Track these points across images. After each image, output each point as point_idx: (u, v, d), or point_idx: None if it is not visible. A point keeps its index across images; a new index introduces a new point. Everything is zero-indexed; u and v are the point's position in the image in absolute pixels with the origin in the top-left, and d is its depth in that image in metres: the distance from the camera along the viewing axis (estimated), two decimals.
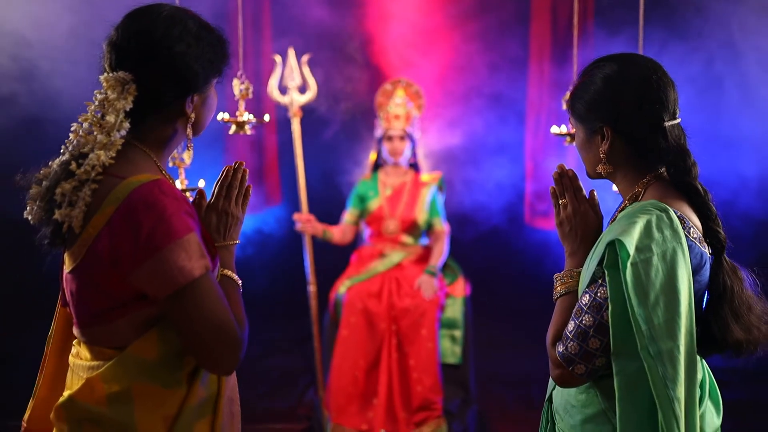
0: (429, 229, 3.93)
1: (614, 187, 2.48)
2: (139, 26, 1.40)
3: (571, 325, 1.49)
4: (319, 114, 4.34)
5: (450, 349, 3.74)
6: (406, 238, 3.89)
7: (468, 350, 3.81)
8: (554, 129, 2.73)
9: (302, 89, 3.65)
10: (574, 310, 1.50)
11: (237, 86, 2.58)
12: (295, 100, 3.61)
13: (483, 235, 5.26)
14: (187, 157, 2.64)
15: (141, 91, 1.38)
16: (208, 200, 1.55)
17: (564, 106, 2.76)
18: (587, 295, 1.48)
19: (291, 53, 3.60)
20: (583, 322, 1.47)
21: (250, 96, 2.57)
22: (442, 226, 3.91)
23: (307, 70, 3.62)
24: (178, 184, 2.52)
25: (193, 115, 1.45)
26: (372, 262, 3.84)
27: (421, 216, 3.86)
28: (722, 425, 1.63)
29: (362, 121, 4.70)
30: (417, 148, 3.99)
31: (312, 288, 3.72)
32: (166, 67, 1.39)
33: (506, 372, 4.36)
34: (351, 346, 3.64)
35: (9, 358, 4.70)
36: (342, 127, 4.65)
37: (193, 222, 1.35)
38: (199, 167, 4.74)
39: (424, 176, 3.96)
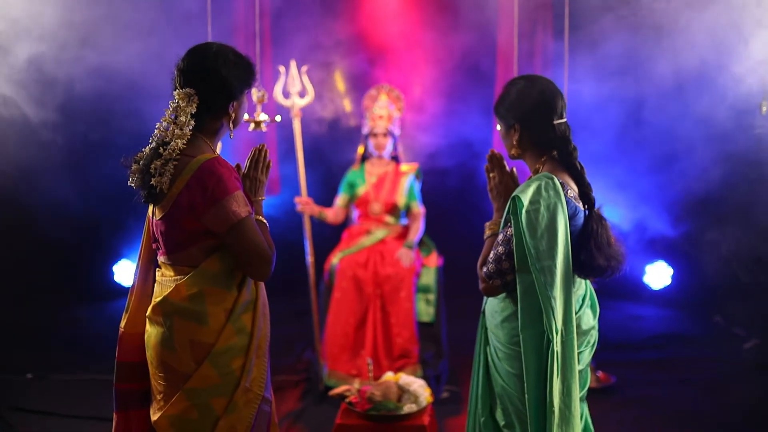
0: (408, 211, 4.69)
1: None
2: (198, 58, 2.15)
3: (491, 254, 2.26)
4: (315, 114, 5.10)
5: (425, 310, 4.50)
6: (389, 218, 4.65)
7: (440, 311, 4.57)
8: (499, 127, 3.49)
9: (302, 94, 4.40)
10: (494, 244, 2.27)
11: (255, 93, 3.34)
12: (296, 103, 4.35)
13: (462, 215, 5.96)
14: (216, 148, 3.39)
15: (200, 100, 2.13)
16: (243, 171, 2.30)
17: None
18: (501, 234, 2.25)
19: (293, 64, 4.35)
20: (499, 251, 2.24)
21: (266, 101, 3.32)
22: (419, 209, 4.68)
23: (306, 78, 4.37)
24: None
25: (233, 114, 2.20)
26: (360, 238, 4.60)
27: (401, 200, 4.63)
28: None
29: (351, 120, 5.46)
30: (397, 143, 4.76)
31: (310, 260, 4.48)
32: (216, 84, 2.13)
33: (471, 331, 5.11)
34: (343, 306, 4.40)
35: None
36: (334, 125, 5.41)
37: (240, 184, 2.11)
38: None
39: (404, 167, 4.73)
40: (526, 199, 2.17)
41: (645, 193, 5.19)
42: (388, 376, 3.65)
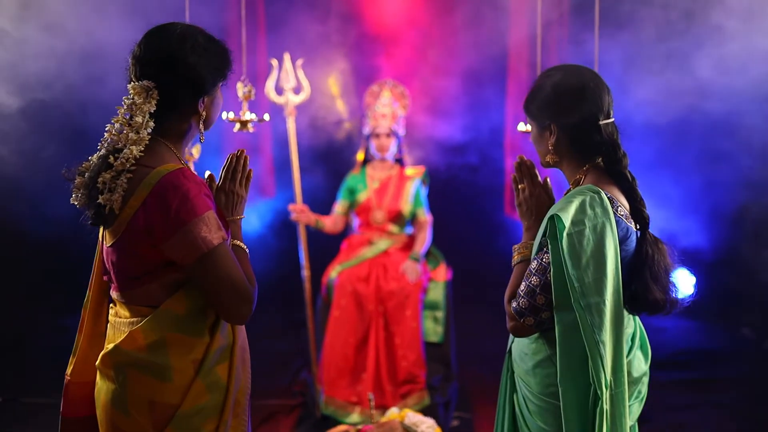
0: (413, 219, 4.27)
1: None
2: (158, 42, 1.71)
3: (522, 285, 1.84)
4: (311, 113, 4.67)
5: (432, 329, 4.09)
6: (392, 227, 4.22)
7: (449, 330, 4.16)
8: (521, 126, 3.07)
9: (297, 90, 3.98)
10: (525, 274, 1.85)
11: (241, 89, 2.91)
12: (290, 100, 3.93)
13: (465, 225, 5.60)
14: (196, 151, 2.97)
15: (162, 95, 1.69)
16: (217, 183, 1.88)
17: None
18: (535, 261, 1.83)
19: (286, 57, 3.93)
20: (532, 282, 1.82)
21: (253, 98, 2.90)
22: (426, 217, 4.25)
23: (301, 73, 3.95)
24: None
25: (204, 113, 1.77)
26: (361, 249, 4.18)
27: (406, 207, 4.21)
28: None
29: (351, 119, 5.03)
30: (402, 145, 4.33)
31: (306, 273, 4.05)
32: (181, 75, 1.70)
33: (482, 347, 4.70)
34: (342, 325, 3.98)
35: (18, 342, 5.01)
36: (333, 124, 4.99)
37: (211, 202, 1.68)
38: (205, 161, 5.05)
39: (409, 170, 4.30)
40: (567, 218, 1.75)
41: (672, 197, 4.79)
42: (393, 413, 3.24)
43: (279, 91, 3.97)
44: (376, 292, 4.02)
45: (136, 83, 1.70)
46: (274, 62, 3.92)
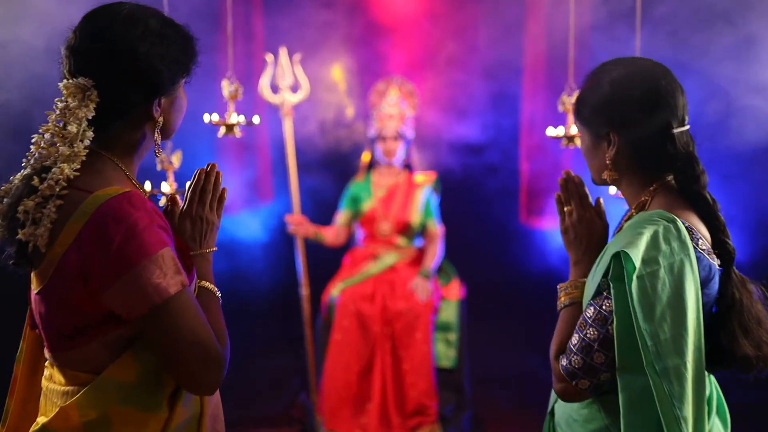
0: (423, 231, 3.87)
1: (611, 190, 2.44)
2: (98, 28, 1.31)
3: (575, 339, 1.43)
4: (310, 113, 4.26)
5: (444, 353, 3.68)
6: (400, 240, 3.82)
7: (463, 354, 3.75)
8: (550, 131, 2.66)
9: (294, 88, 3.58)
10: (579, 322, 1.44)
11: (226, 87, 2.51)
12: (287, 99, 3.53)
13: (477, 234, 5.21)
14: (176, 159, 2.57)
15: (103, 96, 1.29)
16: (181, 206, 1.48)
17: (560, 108, 2.70)
18: (592, 308, 1.42)
19: (283, 52, 3.53)
20: (588, 335, 1.41)
21: (240, 97, 2.49)
22: (437, 228, 3.85)
23: (299, 69, 3.55)
24: (166, 188, 2.44)
25: (161, 119, 1.37)
26: (365, 264, 3.78)
27: (415, 217, 3.80)
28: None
29: (355, 120, 4.63)
30: (411, 149, 3.93)
31: (304, 291, 3.66)
32: (128, 69, 1.30)
33: (499, 372, 4.30)
34: (344, 349, 3.58)
35: None
36: (334, 126, 4.58)
37: (167, 236, 1.28)
38: (192, 169, 4.59)
39: (418, 177, 3.90)
40: (637, 256, 1.34)
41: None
42: None
43: (275, 89, 3.56)
44: (382, 313, 3.61)
45: (70, 81, 1.29)
46: (269, 57, 3.52)
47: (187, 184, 1.48)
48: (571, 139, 2.58)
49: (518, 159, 5.24)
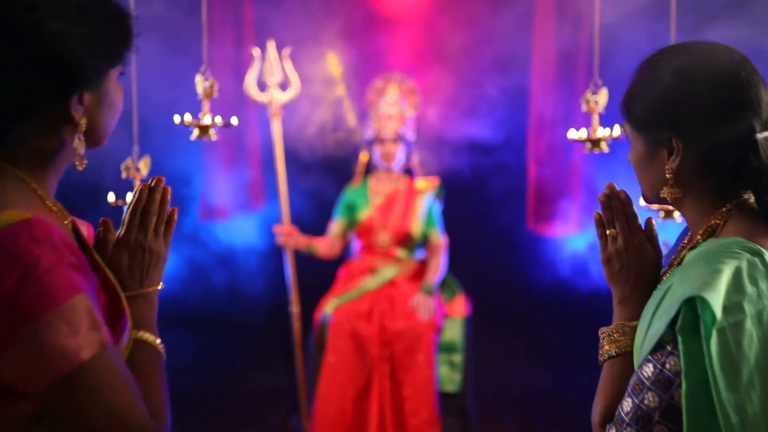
0: (425, 242, 3.54)
1: (661, 215, 2.11)
2: None
3: (628, 404, 1.11)
4: (301, 113, 3.93)
5: (448, 376, 3.36)
6: (400, 252, 3.50)
7: (468, 376, 3.43)
8: (572, 134, 2.34)
9: (283, 86, 3.25)
10: (632, 383, 1.11)
11: (200, 83, 2.18)
12: (275, 98, 3.21)
13: (481, 242, 4.89)
14: (144, 165, 2.24)
15: (3, 91, 0.98)
16: (117, 233, 1.15)
17: (584, 107, 2.38)
18: (651, 366, 1.09)
19: (271, 46, 3.20)
20: (645, 401, 1.08)
21: (215, 95, 2.17)
22: (440, 239, 3.53)
23: (289, 65, 3.22)
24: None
25: (83, 121, 1.04)
26: (361, 279, 3.45)
27: (416, 227, 3.48)
28: None
29: (351, 121, 4.31)
30: (412, 152, 3.60)
31: (294, 308, 3.33)
32: (36, 54, 0.98)
33: (506, 392, 3.97)
34: (338, 373, 3.25)
35: None
36: (327, 127, 4.26)
37: (83, 277, 0.95)
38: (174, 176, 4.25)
39: (420, 182, 3.57)
40: (718, 302, 1.02)
41: None
42: None
43: (262, 86, 3.24)
44: (380, 333, 3.28)
45: None
46: (256, 52, 3.19)
47: (129, 201, 1.16)
48: (596, 143, 2.25)
49: (526, 160, 4.93)
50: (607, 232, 1.29)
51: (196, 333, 4.86)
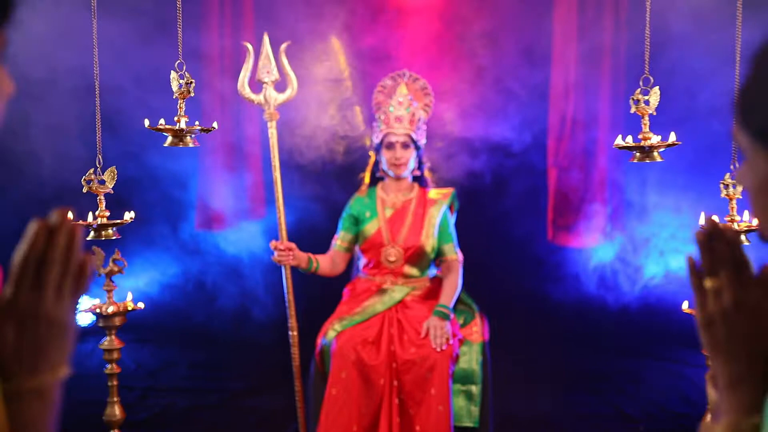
0: (439, 258, 3.19)
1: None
2: None
3: None
4: (301, 115, 3.58)
5: (466, 410, 3.00)
6: (411, 270, 3.14)
7: (487, 408, 3.07)
8: (618, 141, 1.97)
9: (280, 86, 2.90)
10: None
11: (175, 81, 1.83)
12: (271, 97, 2.86)
13: (497, 254, 4.54)
14: (110, 177, 1.89)
15: None
16: (6, 294, 0.80)
17: (633, 109, 2.01)
18: None
19: (266, 40, 2.85)
20: None
21: (192, 94, 1.82)
22: (456, 255, 3.17)
23: (286, 62, 2.87)
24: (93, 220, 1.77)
25: None
26: (368, 300, 3.10)
27: (430, 242, 3.12)
28: None
29: (358, 124, 3.97)
30: (423, 158, 3.25)
31: (293, 334, 2.98)
32: None
33: (528, 424, 3.59)
34: (341, 407, 2.90)
35: None
36: (329, 132, 3.91)
37: None
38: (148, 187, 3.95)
39: (433, 193, 3.22)
40: None
41: None
42: None
43: (256, 87, 2.89)
44: (388, 361, 2.93)
45: None
46: (249, 46, 2.84)
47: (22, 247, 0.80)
48: (647, 152, 1.89)
49: (546, 164, 4.57)
50: (707, 283, 0.93)
51: (196, 350, 4.53)
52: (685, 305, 2.32)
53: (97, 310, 2.31)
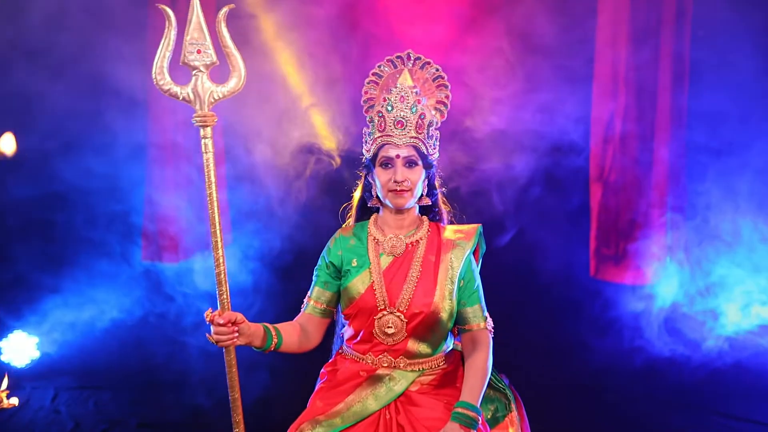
0: (459, 326, 2.19)
1: None
2: None
3: None
4: (252, 118, 2.61)
5: None
6: (419, 347, 2.13)
7: None
8: None
9: (219, 72, 1.90)
10: None
11: None
12: (204, 91, 1.86)
13: (529, 292, 3.60)
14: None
15: None
16: None
17: None
18: None
19: (195, 3, 1.84)
20: None
21: None
22: (484, 322, 2.17)
23: (227, 35, 1.85)
24: None
25: None
26: (355, 393, 2.09)
27: (446, 305, 2.11)
28: None
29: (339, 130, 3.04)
30: (435, 180, 2.23)
31: None
32: None
33: None
34: None
35: None
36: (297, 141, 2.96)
37: None
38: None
39: (450, 231, 2.21)
40: None
41: None
42: None
43: (184, 73, 1.88)
44: None
45: None
46: (169, 12, 1.84)
47: None
48: None
49: (587, 174, 3.62)
50: None
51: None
52: None
53: None
